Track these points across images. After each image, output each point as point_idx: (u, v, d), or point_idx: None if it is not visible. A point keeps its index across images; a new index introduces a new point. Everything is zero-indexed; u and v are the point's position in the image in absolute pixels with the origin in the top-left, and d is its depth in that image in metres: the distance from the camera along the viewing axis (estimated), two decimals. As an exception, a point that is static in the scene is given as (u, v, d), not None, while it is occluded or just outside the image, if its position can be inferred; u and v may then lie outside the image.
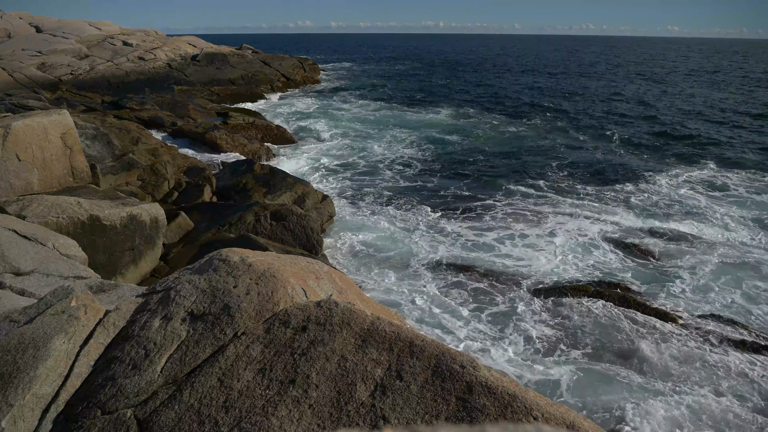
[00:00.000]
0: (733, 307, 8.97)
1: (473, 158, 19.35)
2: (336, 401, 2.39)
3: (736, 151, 20.48)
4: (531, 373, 7.23)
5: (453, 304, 8.94)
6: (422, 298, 9.15)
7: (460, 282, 9.73)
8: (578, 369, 7.30)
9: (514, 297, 9.23)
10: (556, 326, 8.36)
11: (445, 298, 9.15)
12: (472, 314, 8.67)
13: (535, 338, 8.03)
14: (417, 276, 9.97)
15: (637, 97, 36.00)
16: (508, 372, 7.15)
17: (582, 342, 7.94)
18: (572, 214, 13.25)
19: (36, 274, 4.91)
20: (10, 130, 8.19)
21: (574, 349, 7.78)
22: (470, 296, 9.25)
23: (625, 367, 7.35)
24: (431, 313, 8.67)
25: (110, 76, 32.14)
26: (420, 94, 37.85)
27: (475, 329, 8.25)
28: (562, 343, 7.90)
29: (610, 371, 7.26)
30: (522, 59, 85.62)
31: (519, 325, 8.36)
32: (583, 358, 7.56)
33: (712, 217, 13.21)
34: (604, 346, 7.83)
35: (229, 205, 11.10)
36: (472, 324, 8.38)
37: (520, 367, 7.36)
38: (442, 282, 9.74)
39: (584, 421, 2.29)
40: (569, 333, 8.16)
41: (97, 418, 2.55)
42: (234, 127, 19.75)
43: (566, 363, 7.45)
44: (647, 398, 6.70)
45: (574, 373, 7.20)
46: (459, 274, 10.02)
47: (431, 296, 9.21)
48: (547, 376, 7.16)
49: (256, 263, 3.24)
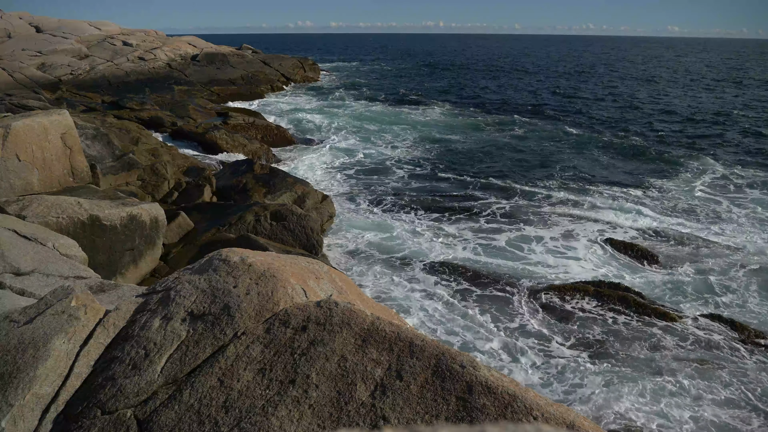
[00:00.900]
0: (737, 307, 8.97)
1: (475, 158, 19.35)
2: (336, 401, 2.39)
3: (746, 150, 20.49)
4: (531, 373, 7.23)
5: (453, 304, 8.94)
6: (422, 298, 9.15)
7: (459, 282, 9.73)
8: (579, 369, 7.30)
9: (513, 297, 9.23)
10: (557, 326, 8.36)
11: (445, 299, 9.15)
12: (470, 314, 8.67)
13: (536, 339, 8.03)
14: (417, 276, 9.97)
15: (643, 97, 36.00)
16: (514, 374, 7.16)
17: (584, 341, 7.94)
18: (577, 215, 13.24)
19: (36, 274, 4.91)
20: (10, 130, 8.19)
21: (576, 348, 7.78)
22: (469, 296, 9.25)
23: (626, 367, 7.35)
24: (431, 313, 8.67)
25: (110, 76, 32.14)
26: (421, 93, 37.83)
27: (472, 329, 8.25)
28: (562, 344, 7.90)
29: (612, 371, 7.26)
30: (522, 59, 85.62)
31: (523, 326, 8.36)
32: (586, 357, 7.56)
33: (722, 218, 13.17)
34: (605, 345, 7.83)
35: (229, 205, 11.10)
36: (467, 321, 8.39)
37: (520, 366, 7.36)
38: (442, 282, 9.74)
39: (584, 420, 2.29)
40: (571, 333, 8.16)
41: (97, 418, 2.55)
42: (234, 127, 19.75)
43: (568, 363, 7.45)
44: (647, 398, 6.70)
45: (574, 373, 7.20)
46: (459, 274, 10.01)
47: (432, 297, 9.21)
48: (549, 377, 7.16)
49: (256, 263, 3.24)
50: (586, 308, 8.77)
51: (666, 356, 7.54)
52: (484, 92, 39.35)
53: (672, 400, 6.67)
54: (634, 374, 7.17)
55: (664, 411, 6.48)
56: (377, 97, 35.34)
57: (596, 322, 8.42)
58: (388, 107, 31.17)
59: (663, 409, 6.50)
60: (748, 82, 47.88)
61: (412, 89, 40.69)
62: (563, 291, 9.22)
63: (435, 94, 37.56)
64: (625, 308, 8.68)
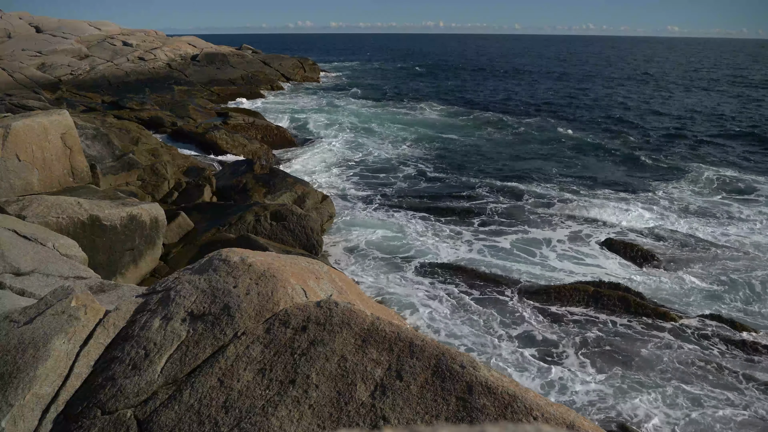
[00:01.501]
0: (738, 307, 8.97)
1: (475, 158, 19.35)
2: (336, 401, 2.39)
3: (748, 152, 20.49)
4: (530, 373, 7.23)
5: (453, 305, 8.95)
6: (422, 298, 9.15)
7: (458, 282, 9.73)
8: (578, 369, 7.30)
9: (514, 297, 9.22)
10: (556, 326, 8.36)
11: (445, 299, 9.15)
12: (470, 314, 8.67)
13: (536, 340, 8.03)
14: (417, 276, 9.97)
15: (647, 98, 36.01)
16: (509, 372, 7.16)
17: (583, 341, 7.93)
18: (578, 216, 13.23)
19: (36, 274, 4.91)
20: (10, 130, 8.19)
21: (575, 348, 7.78)
22: (469, 297, 9.24)
23: (626, 368, 7.35)
24: (431, 314, 8.67)
25: (110, 76, 32.15)
26: (421, 93, 37.83)
27: (472, 329, 8.25)
28: (561, 344, 7.90)
29: (612, 372, 7.26)
30: (524, 59, 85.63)
31: (522, 326, 8.36)
32: (585, 358, 7.56)
33: (724, 219, 13.15)
34: (604, 346, 7.83)
35: (229, 205, 11.10)
36: (467, 321, 8.39)
37: (520, 367, 7.36)
38: (442, 282, 9.73)
39: (584, 421, 2.29)
40: (570, 333, 8.16)
41: (97, 418, 2.55)
42: (234, 127, 19.74)
43: (566, 363, 7.45)
44: (647, 398, 6.70)
45: (573, 374, 7.20)
46: (458, 274, 10.01)
47: (432, 297, 9.21)
48: (547, 376, 7.16)
49: (256, 263, 3.24)
50: (585, 309, 8.76)
51: (666, 357, 7.54)
52: (485, 92, 39.36)
53: (672, 401, 6.66)
54: (633, 375, 7.17)
55: (663, 411, 6.48)
56: (377, 97, 35.34)
57: (596, 322, 8.42)
58: (388, 107, 31.16)
59: (662, 409, 6.50)
60: (748, 82, 47.89)
61: (412, 89, 40.70)
62: (563, 291, 9.22)
63: (436, 94, 37.56)
64: (624, 309, 8.68)
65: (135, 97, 25.37)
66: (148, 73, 34.24)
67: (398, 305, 8.85)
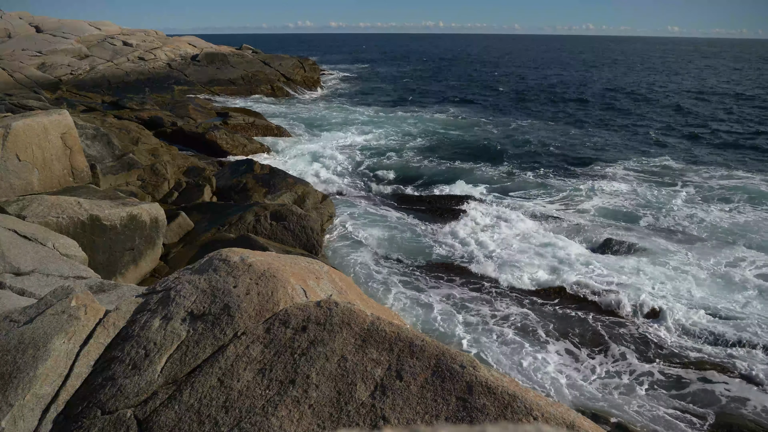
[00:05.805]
0: (724, 306, 8.97)
1: (479, 158, 19.31)
2: (336, 401, 2.39)
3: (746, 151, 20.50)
4: (528, 374, 7.24)
5: (453, 305, 8.95)
6: (422, 297, 9.15)
7: (457, 282, 9.74)
8: (575, 369, 7.31)
9: (509, 296, 9.24)
10: (552, 325, 8.37)
11: (445, 299, 9.16)
12: (468, 315, 8.67)
13: (533, 339, 8.04)
14: (418, 277, 9.97)
15: (663, 97, 36.01)
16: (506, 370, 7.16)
17: (579, 340, 7.95)
18: (581, 217, 13.24)
19: (36, 274, 4.91)
20: (10, 130, 8.19)
21: (569, 347, 7.79)
22: (469, 297, 9.25)
23: (622, 366, 7.35)
24: (430, 313, 8.67)
25: (110, 76, 32.14)
26: (420, 93, 37.83)
27: (470, 329, 8.25)
28: (555, 343, 7.91)
29: (607, 369, 7.27)
30: (524, 59, 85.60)
31: (522, 327, 8.37)
32: (580, 356, 7.57)
33: (715, 215, 13.19)
34: (599, 343, 7.84)
35: (229, 205, 11.09)
36: (466, 321, 8.39)
37: (519, 367, 7.37)
38: (441, 283, 9.74)
39: (584, 421, 2.29)
40: (567, 333, 8.17)
41: (97, 418, 2.55)
42: (234, 127, 19.74)
43: (563, 363, 7.45)
44: (645, 398, 6.70)
45: (572, 374, 7.20)
46: (458, 274, 10.02)
47: (432, 297, 9.21)
48: (547, 377, 7.16)
49: (256, 263, 3.24)
50: (577, 307, 8.78)
51: (656, 353, 7.55)
52: (484, 93, 39.35)
53: (667, 397, 6.67)
54: (624, 371, 7.17)
55: (658, 407, 6.48)
56: (378, 97, 35.34)
57: (587, 320, 8.43)
58: (387, 107, 31.15)
59: (657, 405, 6.50)
60: (747, 83, 47.89)
61: (412, 89, 40.70)
62: (552, 291, 9.30)
63: (435, 95, 37.55)
64: (610, 306, 8.76)
65: (135, 97, 25.37)
66: (148, 73, 34.23)
67: (398, 303, 8.85)
